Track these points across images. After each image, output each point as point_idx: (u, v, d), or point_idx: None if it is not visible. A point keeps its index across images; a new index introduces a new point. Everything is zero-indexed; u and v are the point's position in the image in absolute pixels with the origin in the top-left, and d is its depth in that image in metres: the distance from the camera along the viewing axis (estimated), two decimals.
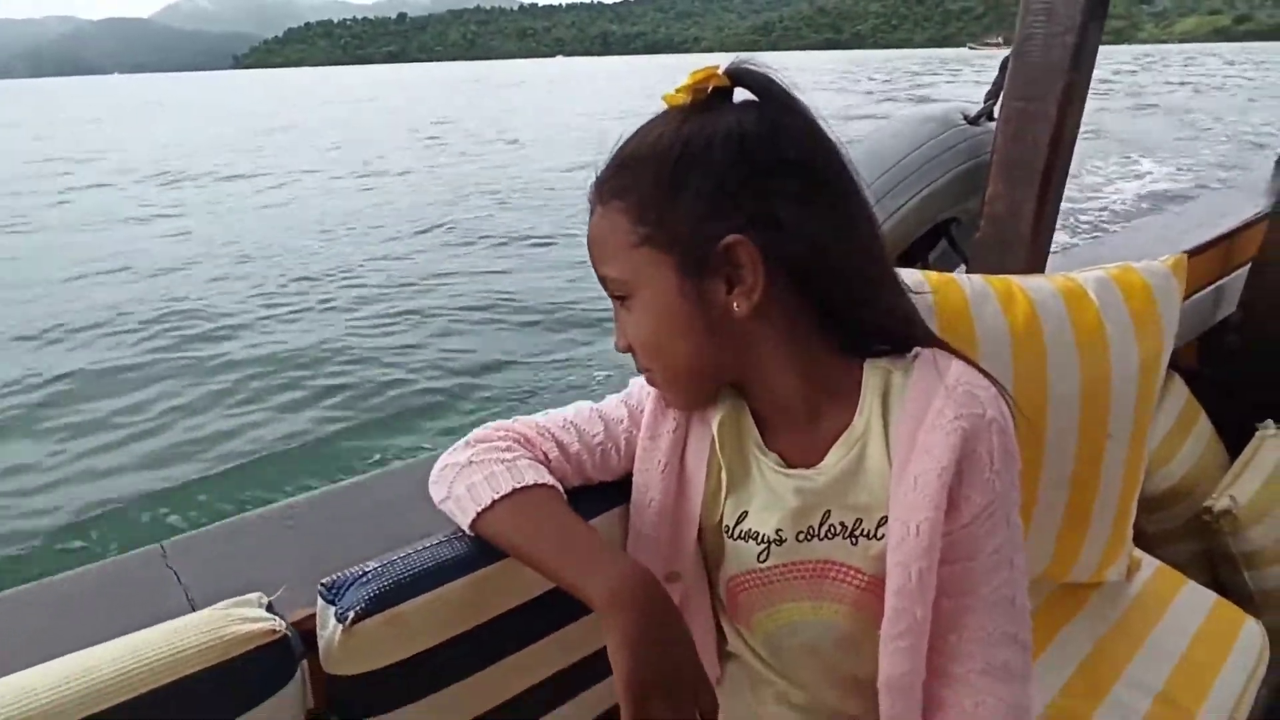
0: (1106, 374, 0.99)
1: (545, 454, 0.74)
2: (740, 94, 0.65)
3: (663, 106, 0.66)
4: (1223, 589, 1.32)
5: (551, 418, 0.77)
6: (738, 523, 0.70)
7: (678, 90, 0.64)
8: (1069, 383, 0.97)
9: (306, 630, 0.65)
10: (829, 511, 0.67)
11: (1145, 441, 1.04)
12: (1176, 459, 1.55)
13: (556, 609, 0.74)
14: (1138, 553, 1.14)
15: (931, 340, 0.68)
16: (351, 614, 0.60)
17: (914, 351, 0.68)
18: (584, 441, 0.76)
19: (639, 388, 0.78)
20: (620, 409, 0.78)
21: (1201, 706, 0.94)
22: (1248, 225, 1.91)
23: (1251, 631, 1.07)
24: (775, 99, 0.63)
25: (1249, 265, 1.89)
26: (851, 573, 0.68)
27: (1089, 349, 0.99)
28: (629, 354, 0.71)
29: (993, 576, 0.64)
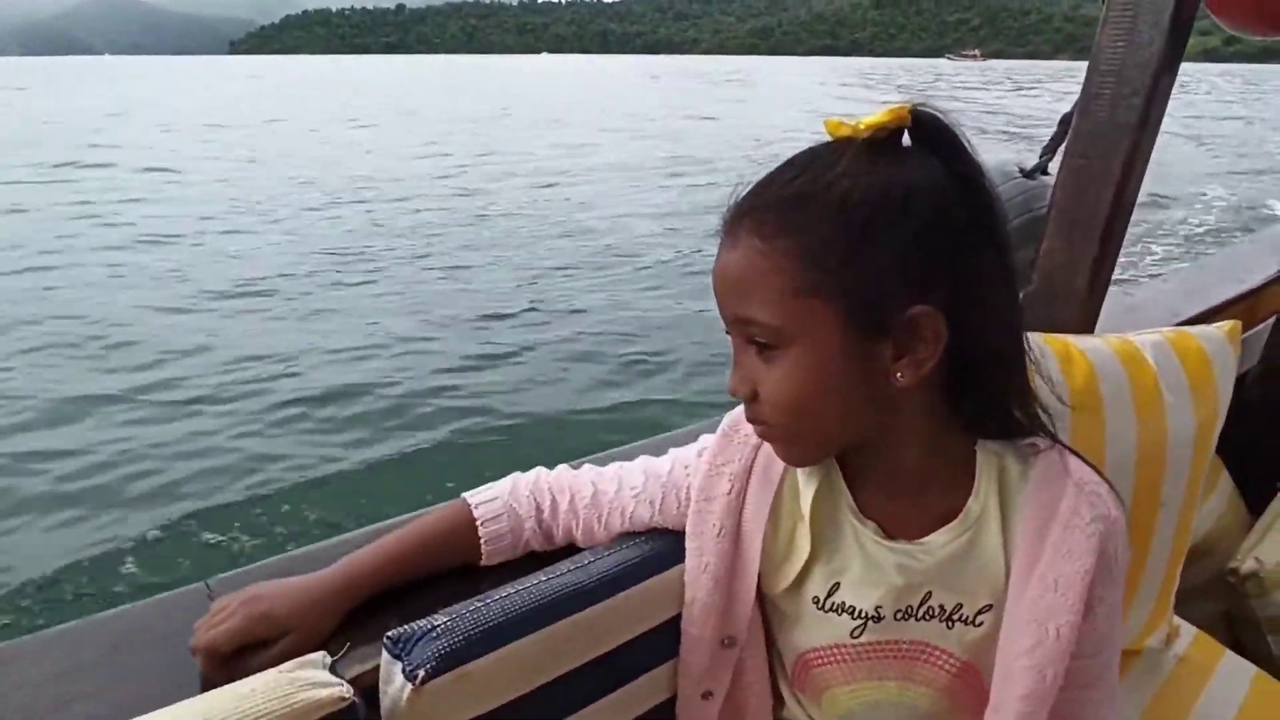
0: (1162, 441, 0.98)
1: (558, 504, 0.76)
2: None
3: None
4: (1241, 649, 1.31)
5: (607, 470, 0.79)
6: (829, 594, 0.68)
7: (859, 124, 0.57)
8: (1125, 450, 0.96)
9: (366, 685, 0.62)
10: (930, 593, 0.65)
11: (1195, 510, 1.03)
12: (1200, 516, 1.54)
13: (620, 665, 0.72)
14: (1176, 620, 1.13)
15: (1044, 429, 0.65)
16: (421, 672, 0.58)
17: (1028, 440, 0.65)
18: (620, 493, 0.76)
19: (695, 445, 0.76)
20: (678, 462, 0.76)
21: None
22: (1272, 281, 1.92)
23: None
24: (960, 155, 0.58)
25: (1273, 320, 1.89)
26: (945, 657, 0.66)
27: (1146, 416, 0.98)
28: (738, 398, 0.64)
29: (1109, 667, 0.64)
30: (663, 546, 0.74)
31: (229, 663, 0.62)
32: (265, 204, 10.48)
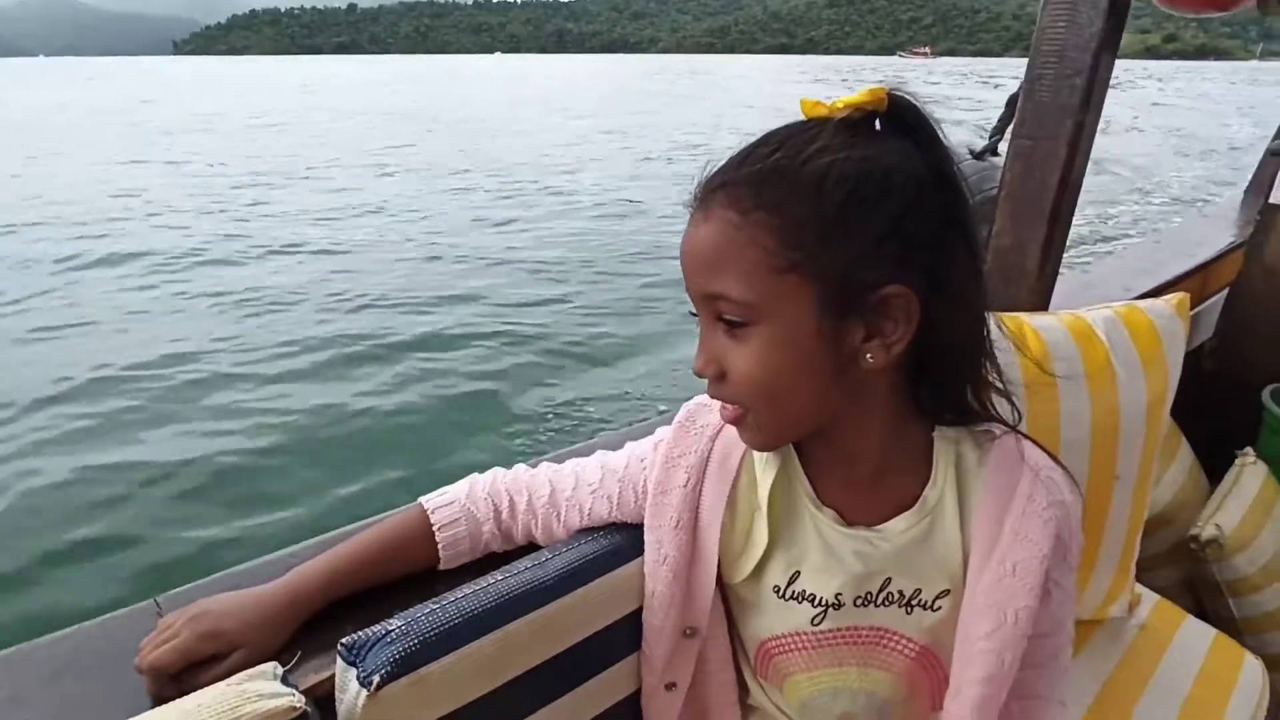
0: (1115, 415, 1.00)
1: (515, 504, 0.76)
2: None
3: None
4: (1204, 614, 1.34)
5: (564, 467, 0.79)
6: (790, 582, 0.68)
7: (836, 104, 0.57)
8: (1080, 425, 0.98)
9: (322, 694, 0.61)
10: (890, 579, 0.66)
11: (1150, 481, 1.05)
12: (1161, 485, 1.57)
13: (582, 661, 0.71)
14: (1138, 588, 1.15)
15: (999, 417, 0.65)
16: (377, 677, 0.57)
17: (984, 428, 0.66)
18: (577, 491, 0.76)
19: (651, 438, 0.76)
20: (634, 457, 0.76)
21: None
22: (1222, 255, 1.97)
23: (1252, 668, 1.08)
24: (934, 141, 0.57)
25: (1224, 293, 1.94)
26: (905, 642, 0.67)
27: (1099, 390, 0.99)
28: (705, 378, 0.63)
29: (1063, 647, 0.65)
30: (622, 540, 0.74)
31: (178, 681, 0.61)
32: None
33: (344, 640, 0.60)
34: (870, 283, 0.55)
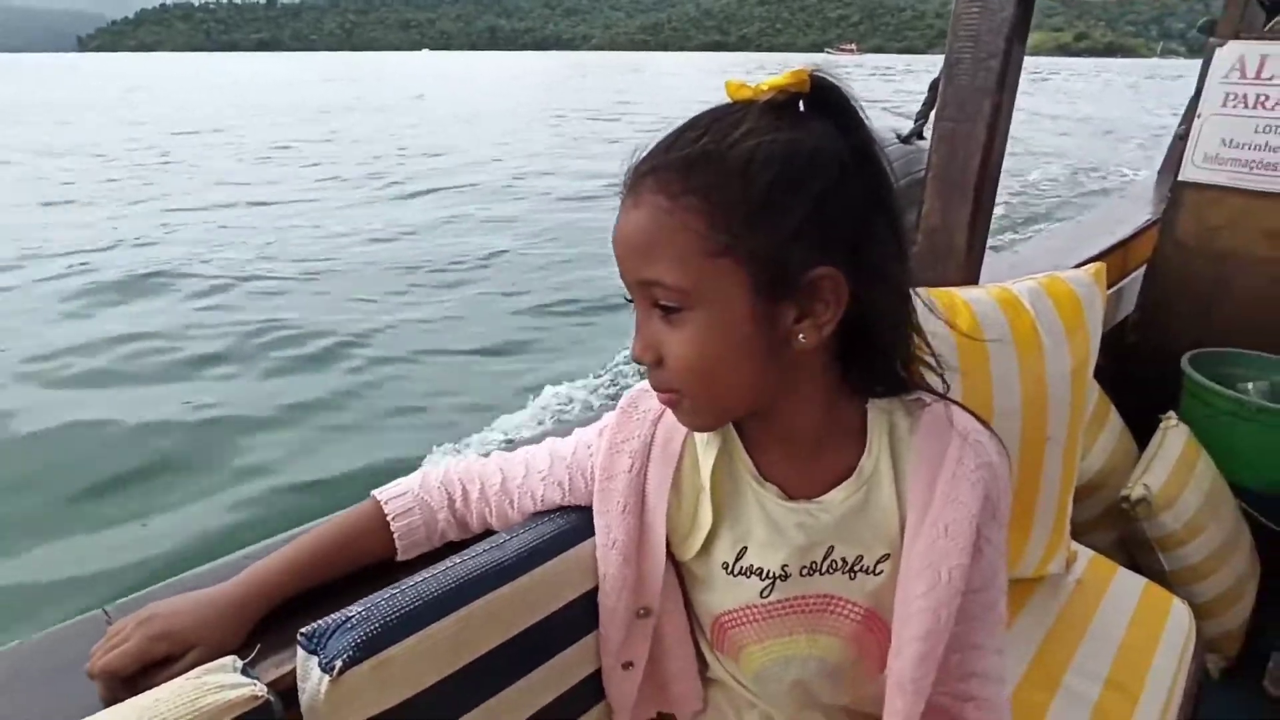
0: (1043, 379, 1.05)
1: (469, 492, 0.77)
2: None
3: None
4: (1138, 570, 1.42)
5: (514, 455, 0.80)
6: (738, 558, 0.69)
7: (761, 86, 0.57)
8: (1011, 390, 1.03)
9: (286, 687, 0.61)
10: (832, 547, 0.68)
11: (1079, 440, 1.11)
12: (1094, 452, 1.66)
13: (542, 642, 0.72)
14: (1074, 546, 1.21)
15: (927, 386, 0.68)
16: (338, 663, 0.57)
17: (914, 396, 0.68)
18: (528, 478, 0.77)
19: (596, 424, 0.77)
20: (581, 443, 0.77)
21: (1144, 687, 1.00)
22: (1140, 232, 2.08)
23: (1179, 611, 1.15)
24: (856, 122, 0.58)
25: (1144, 268, 2.05)
26: (850, 606, 0.69)
27: (1027, 357, 1.04)
28: (642, 364, 0.63)
29: (997, 600, 0.68)
30: (576, 521, 0.75)
31: (131, 686, 0.60)
32: None
33: (303, 630, 0.60)
34: (800, 265, 0.56)
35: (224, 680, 0.54)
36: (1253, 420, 1.69)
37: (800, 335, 0.59)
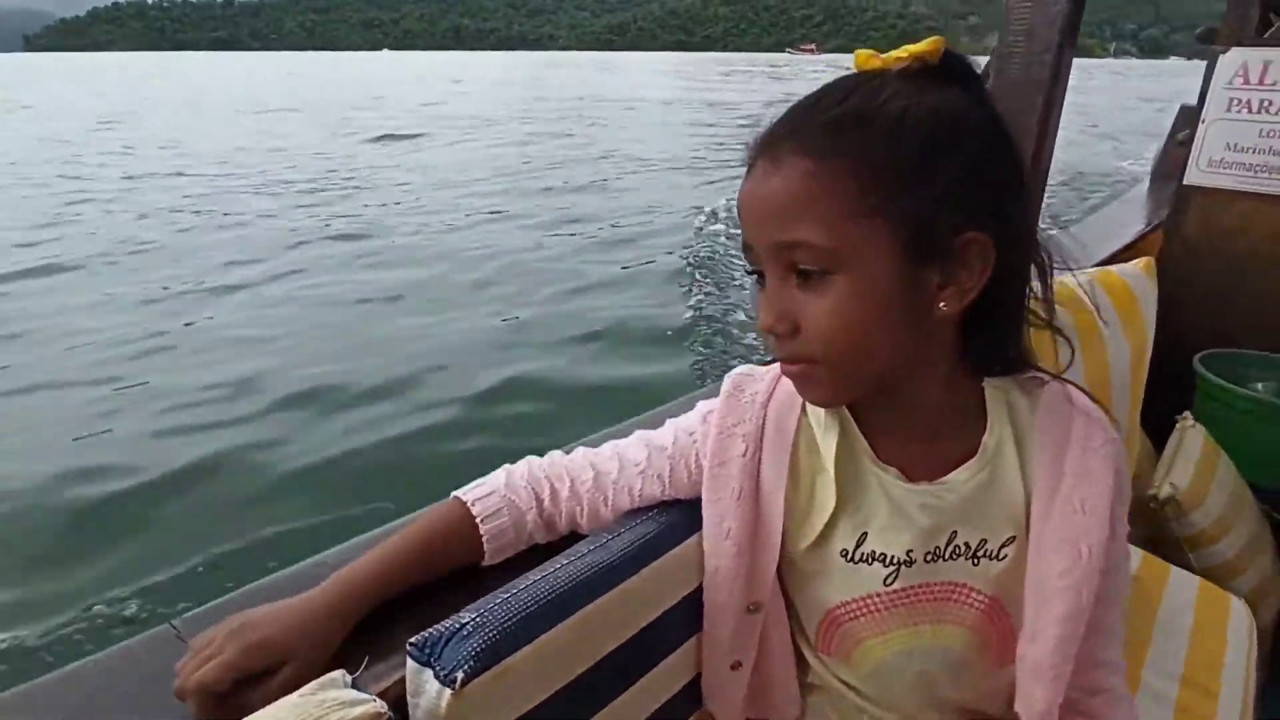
0: (1106, 368, 1.04)
1: (558, 491, 0.73)
2: None
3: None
4: None
5: (602, 450, 0.76)
6: (858, 545, 0.66)
7: (892, 55, 0.57)
8: (1077, 380, 1.01)
9: (391, 700, 0.56)
10: (956, 531, 0.65)
11: (1139, 432, 1.10)
12: None
13: (648, 647, 0.68)
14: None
15: (1041, 367, 0.67)
16: (460, 674, 0.52)
17: (1028, 375, 0.67)
18: (624, 472, 0.73)
19: (697, 412, 0.74)
20: (682, 431, 0.73)
21: (1221, 685, 0.99)
22: (1144, 236, 2.11)
23: (1239, 607, 1.14)
24: (984, 92, 0.58)
25: None
26: (974, 594, 0.66)
27: (1090, 348, 1.03)
28: (775, 335, 0.60)
29: (1125, 586, 0.67)
30: (677, 517, 0.71)
31: (225, 702, 0.54)
32: None
33: (413, 640, 0.55)
34: (948, 228, 0.55)
35: (343, 697, 0.49)
36: (1270, 420, 1.71)
37: (942, 303, 0.57)
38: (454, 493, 0.71)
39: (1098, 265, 1.78)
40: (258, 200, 9.13)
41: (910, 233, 0.55)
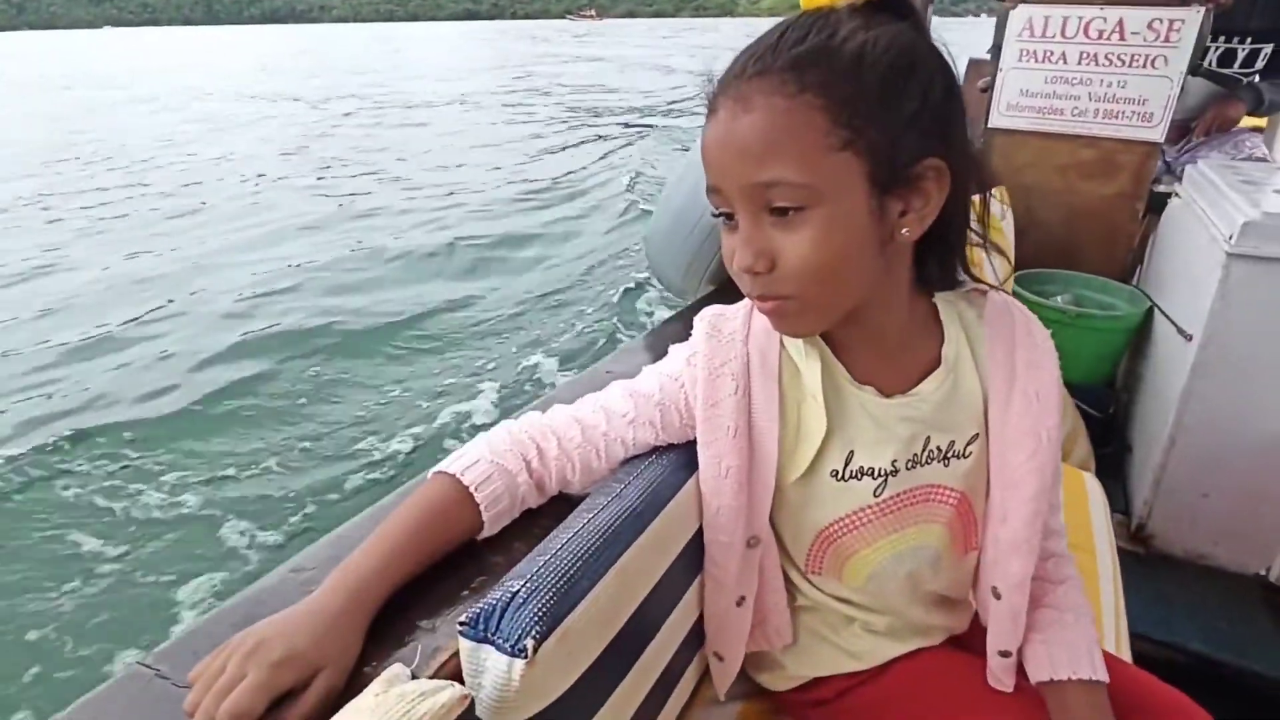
0: None
1: (545, 450, 0.69)
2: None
3: None
4: None
5: (583, 405, 0.73)
6: (846, 463, 0.69)
7: None
8: None
9: None
10: (929, 437, 0.70)
11: None
12: None
13: (671, 592, 0.68)
14: None
15: (980, 279, 0.73)
16: (529, 642, 0.49)
17: (969, 288, 0.73)
18: (612, 424, 0.71)
19: (677, 356, 0.73)
20: (666, 377, 0.73)
21: (1094, 543, 1.16)
22: None
23: (1092, 483, 1.34)
24: (922, 24, 0.60)
25: None
26: (947, 492, 0.72)
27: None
28: (754, 272, 0.61)
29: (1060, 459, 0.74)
30: (674, 461, 0.71)
31: None
32: None
33: (463, 619, 0.51)
34: (910, 156, 0.58)
35: (420, 688, 0.45)
36: (1072, 325, 2.00)
37: (904, 229, 0.60)
38: (434, 469, 0.66)
39: None
40: None
41: (877, 163, 0.57)
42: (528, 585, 0.52)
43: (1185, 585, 1.58)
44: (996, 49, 2.10)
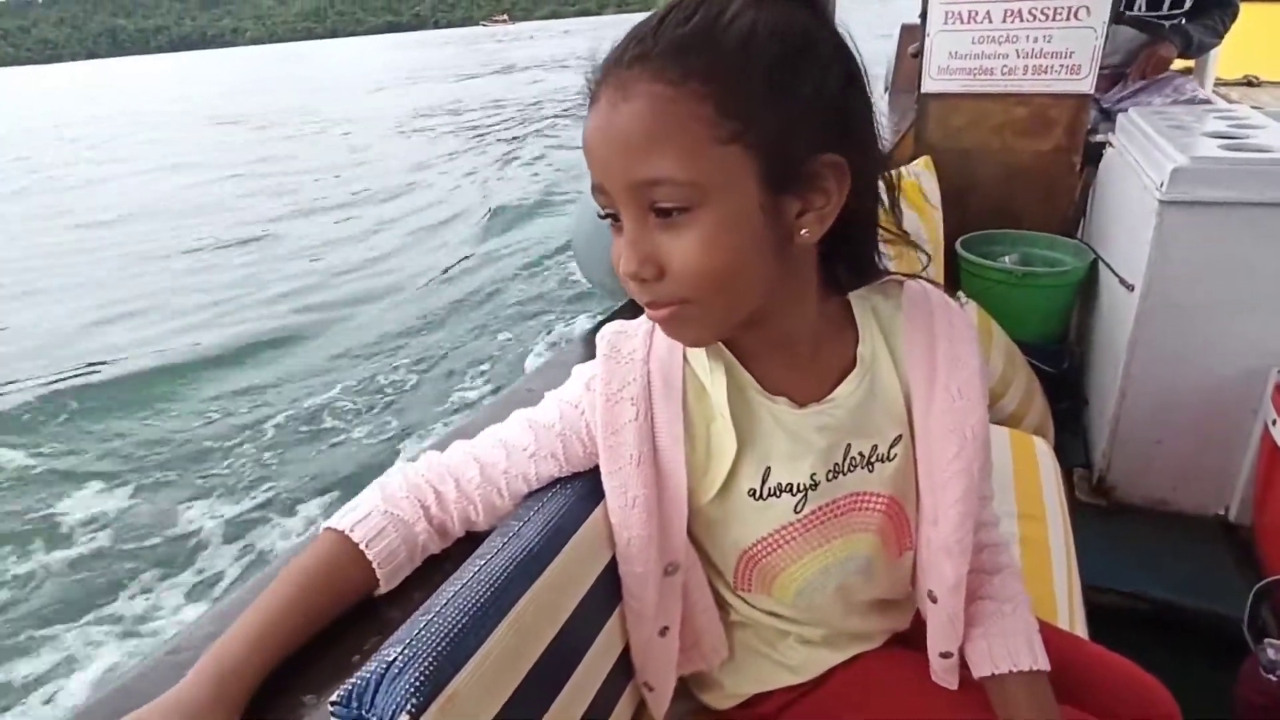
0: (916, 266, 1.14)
1: (443, 494, 0.65)
2: None
3: None
4: None
5: (481, 441, 0.69)
6: (764, 481, 0.66)
7: None
8: None
9: None
10: (850, 444, 0.66)
11: None
12: None
13: (581, 631, 0.64)
14: None
15: (892, 272, 0.68)
16: (405, 715, 0.46)
17: (885, 279, 0.68)
18: (513, 460, 0.67)
19: (576, 380, 0.69)
20: (566, 404, 0.69)
21: (1044, 509, 1.14)
22: (895, 143, 2.34)
23: (1042, 447, 1.32)
24: (826, 13, 0.55)
25: None
26: (874, 498, 0.69)
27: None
28: (640, 279, 0.56)
29: (990, 449, 0.71)
30: (579, 491, 0.67)
31: None
32: None
33: (334, 699, 0.47)
34: (804, 151, 0.54)
35: None
36: (1020, 285, 1.99)
37: (804, 230, 0.56)
38: (324, 524, 0.62)
39: None
40: None
41: (769, 158, 0.53)
42: (405, 651, 0.49)
43: (1147, 533, 1.59)
44: (924, 14, 2.08)
